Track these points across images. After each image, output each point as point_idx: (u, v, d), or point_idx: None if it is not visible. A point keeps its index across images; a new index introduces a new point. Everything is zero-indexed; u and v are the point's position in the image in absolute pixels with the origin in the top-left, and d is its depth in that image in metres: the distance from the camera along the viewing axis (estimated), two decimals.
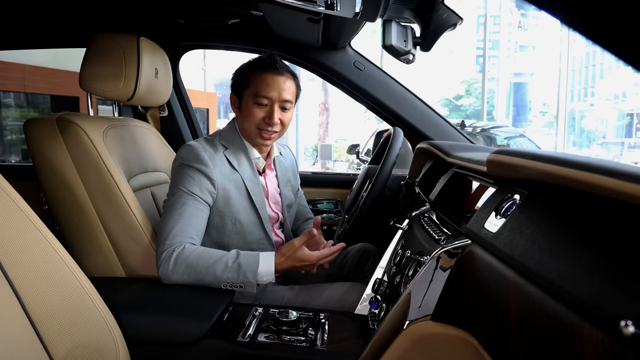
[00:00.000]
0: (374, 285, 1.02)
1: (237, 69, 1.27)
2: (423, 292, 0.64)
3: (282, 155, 1.43)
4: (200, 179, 1.14)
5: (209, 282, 1.06)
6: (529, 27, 33.20)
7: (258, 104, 1.19)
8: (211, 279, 1.05)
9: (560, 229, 0.45)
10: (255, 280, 1.05)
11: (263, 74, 1.19)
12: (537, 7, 0.28)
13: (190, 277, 1.06)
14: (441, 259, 0.66)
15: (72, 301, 0.80)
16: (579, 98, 31.71)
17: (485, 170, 0.67)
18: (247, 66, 1.23)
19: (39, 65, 6.26)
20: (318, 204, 1.89)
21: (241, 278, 1.05)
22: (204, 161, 1.15)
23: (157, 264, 1.08)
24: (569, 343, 0.37)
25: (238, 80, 1.24)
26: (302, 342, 0.95)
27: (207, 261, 1.06)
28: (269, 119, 1.19)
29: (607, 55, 0.26)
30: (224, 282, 1.05)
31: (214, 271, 1.05)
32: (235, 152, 1.24)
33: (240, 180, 1.22)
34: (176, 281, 1.07)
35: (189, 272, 1.05)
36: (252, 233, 1.25)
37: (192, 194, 1.13)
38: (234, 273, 1.05)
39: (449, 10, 1.10)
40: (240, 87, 1.23)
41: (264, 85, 1.18)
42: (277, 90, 1.19)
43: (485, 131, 5.49)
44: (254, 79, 1.19)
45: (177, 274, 1.06)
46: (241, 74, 1.24)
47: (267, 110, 1.20)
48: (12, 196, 0.78)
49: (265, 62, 1.20)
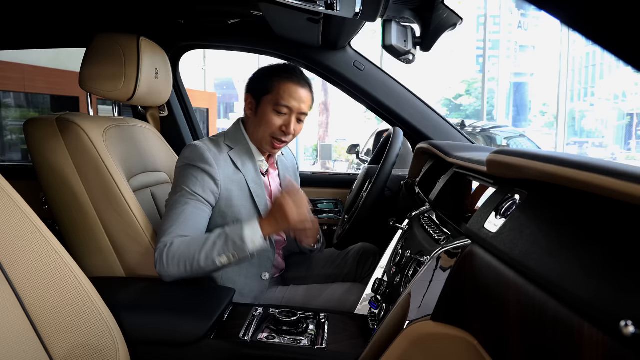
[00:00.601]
0: (374, 285, 1.02)
1: (258, 71, 1.25)
2: (423, 292, 0.64)
3: (284, 156, 1.43)
4: (204, 178, 1.14)
5: (205, 265, 1.04)
6: (529, 27, 33.20)
7: (277, 112, 1.19)
8: (204, 261, 1.04)
9: (560, 229, 0.45)
10: (243, 242, 1.03)
11: (288, 83, 1.18)
12: (537, 7, 0.28)
13: (186, 266, 1.05)
14: (441, 259, 0.66)
15: (72, 301, 0.80)
16: (579, 98, 31.72)
17: (485, 170, 0.67)
18: (271, 72, 1.22)
19: (39, 65, 6.26)
20: (318, 204, 1.89)
21: (230, 246, 1.04)
22: (208, 161, 1.15)
23: (154, 264, 1.08)
24: (568, 343, 0.37)
25: (258, 83, 1.23)
26: (302, 342, 0.95)
27: (196, 245, 1.06)
28: (285, 128, 1.19)
29: (607, 55, 0.26)
30: (216, 258, 1.04)
31: (205, 252, 1.04)
32: (239, 153, 1.24)
33: (244, 181, 1.21)
34: (174, 275, 1.06)
35: (183, 262, 1.05)
36: None
37: (194, 194, 1.12)
38: (222, 244, 1.04)
39: (449, 10, 1.10)
40: (259, 91, 1.21)
41: (287, 94, 1.18)
42: (298, 102, 1.19)
43: (485, 131, 5.49)
44: (278, 86, 1.18)
45: (172, 267, 1.05)
46: (263, 78, 1.22)
47: (285, 120, 1.20)
48: (12, 196, 0.78)
49: (290, 72, 1.20)
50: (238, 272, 1.21)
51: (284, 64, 1.24)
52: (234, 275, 1.21)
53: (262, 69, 1.25)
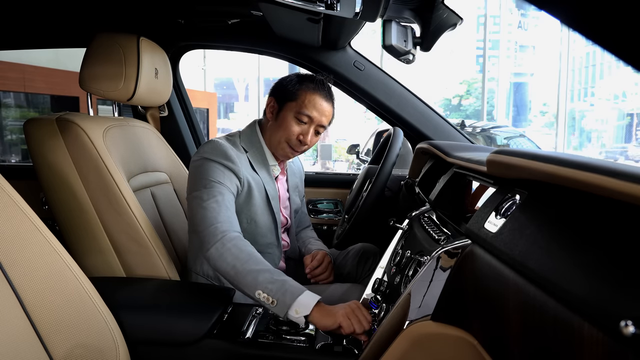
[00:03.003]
0: (374, 285, 1.02)
1: (286, 77, 1.26)
2: (423, 292, 0.64)
3: (292, 161, 1.44)
4: (228, 173, 1.14)
5: (246, 283, 0.97)
6: (529, 27, 33.20)
7: (298, 119, 1.20)
8: (250, 281, 0.97)
9: (560, 229, 0.45)
10: (290, 302, 0.93)
11: (314, 94, 1.20)
12: (537, 7, 0.28)
13: (234, 269, 0.99)
14: (441, 259, 0.66)
15: (72, 301, 0.80)
16: (579, 98, 31.70)
17: (485, 170, 0.66)
18: (299, 80, 1.23)
19: (39, 65, 6.25)
20: (318, 204, 1.89)
21: (279, 295, 0.94)
22: (231, 159, 1.15)
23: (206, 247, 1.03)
24: (568, 343, 0.37)
25: (284, 89, 1.23)
26: (302, 342, 0.95)
27: (255, 264, 1.00)
28: (303, 137, 1.21)
29: (607, 55, 0.26)
30: (261, 289, 0.95)
31: (256, 275, 0.97)
32: (255, 155, 1.25)
33: (261, 183, 1.23)
34: (219, 267, 1.01)
35: (235, 263, 0.99)
36: (264, 236, 1.25)
37: (222, 184, 1.12)
38: (276, 286, 0.95)
39: (449, 10, 1.10)
40: (284, 96, 1.22)
41: (311, 104, 1.19)
42: (320, 114, 1.21)
43: (485, 131, 5.49)
44: (304, 95, 1.20)
45: (224, 260, 1.00)
46: (290, 85, 1.23)
47: (304, 129, 1.21)
48: (12, 196, 0.78)
49: (319, 84, 1.22)
50: None
51: (313, 75, 1.25)
52: None
53: (291, 75, 1.26)
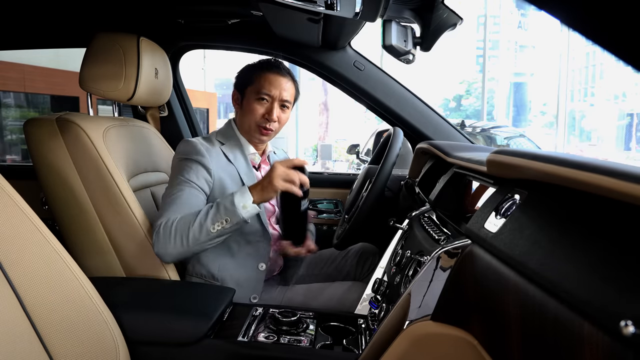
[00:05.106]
0: (374, 285, 1.02)
1: (242, 67, 1.33)
2: (423, 292, 0.64)
3: (276, 154, 1.47)
4: (197, 167, 1.19)
5: (200, 236, 1.07)
6: (529, 27, 33.19)
7: (260, 99, 1.25)
8: (199, 230, 1.07)
9: (560, 229, 0.45)
10: (234, 206, 1.07)
11: (267, 73, 1.26)
12: (537, 7, 0.28)
13: (183, 240, 1.07)
14: (441, 259, 0.66)
15: (72, 301, 0.80)
16: (579, 98, 31.69)
17: (485, 170, 0.66)
18: (252, 66, 1.30)
19: (39, 65, 6.25)
20: (318, 204, 1.89)
21: (222, 212, 1.07)
22: (200, 152, 1.20)
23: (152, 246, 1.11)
24: (568, 343, 0.37)
25: (242, 78, 1.31)
26: (302, 342, 0.95)
27: (190, 218, 1.09)
28: (268, 115, 1.25)
29: (607, 55, 0.26)
30: (210, 226, 1.07)
31: (198, 222, 1.07)
32: (231, 147, 1.29)
33: (236, 173, 1.26)
34: (172, 253, 1.09)
35: (179, 236, 1.08)
36: (249, 225, 1.26)
37: (188, 181, 1.16)
38: (214, 212, 1.08)
39: (449, 10, 1.09)
40: (243, 84, 1.29)
41: (266, 83, 1.25)
42: (278, 89, 1.25)
43: (485, 131, 5.49)
44: (258, 77, 1.26)
45: (169, 244, 1.08)
46: (246, 72, 1.31)
47: (268, 107, 1.26)
48: (12, 196, 0.78)
49: (270, 63, 1.28)
50: (235, 263, 1.23)
51: (265, 58, 1.32)
52: (231, 266, 1.22)
53: (247, 65, 1.33)
